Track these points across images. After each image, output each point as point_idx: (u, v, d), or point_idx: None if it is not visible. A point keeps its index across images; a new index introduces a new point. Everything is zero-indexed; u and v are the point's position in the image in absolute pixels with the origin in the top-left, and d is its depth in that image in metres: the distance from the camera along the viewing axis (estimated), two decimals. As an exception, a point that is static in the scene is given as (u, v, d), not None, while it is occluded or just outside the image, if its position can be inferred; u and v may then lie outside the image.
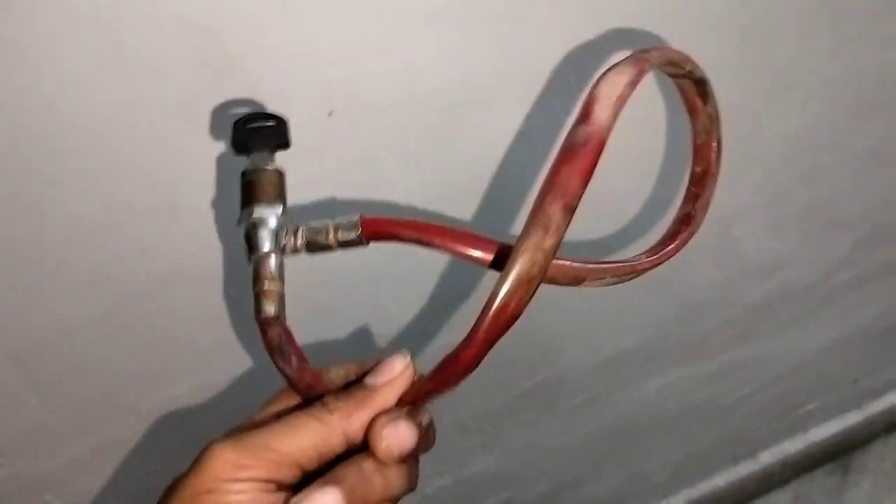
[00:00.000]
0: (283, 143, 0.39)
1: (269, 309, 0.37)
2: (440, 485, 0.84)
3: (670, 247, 0.42)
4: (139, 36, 0.39)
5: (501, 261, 0.37)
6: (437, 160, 0.52)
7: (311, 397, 0.37)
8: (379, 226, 0.38)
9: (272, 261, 0.38)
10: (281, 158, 0.40)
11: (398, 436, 0.33)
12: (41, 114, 0.40)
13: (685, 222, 0.44)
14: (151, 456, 0.58)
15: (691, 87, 0.42)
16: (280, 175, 0.39)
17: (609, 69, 0.34)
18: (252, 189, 0.38)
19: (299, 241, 0.38)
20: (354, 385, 0.35)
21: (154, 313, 0.51)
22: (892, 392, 1.19)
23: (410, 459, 0.35)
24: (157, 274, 0.49)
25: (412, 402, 0.36)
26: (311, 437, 0.33)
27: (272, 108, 0.44)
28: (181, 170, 0.45)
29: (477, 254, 0.37)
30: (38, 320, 0.49)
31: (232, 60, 0.42)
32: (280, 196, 0.39)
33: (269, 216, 0.38)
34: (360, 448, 0.34)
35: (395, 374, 0.35)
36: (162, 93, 0.42)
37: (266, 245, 0.38)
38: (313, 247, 0.38)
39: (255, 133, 0.38)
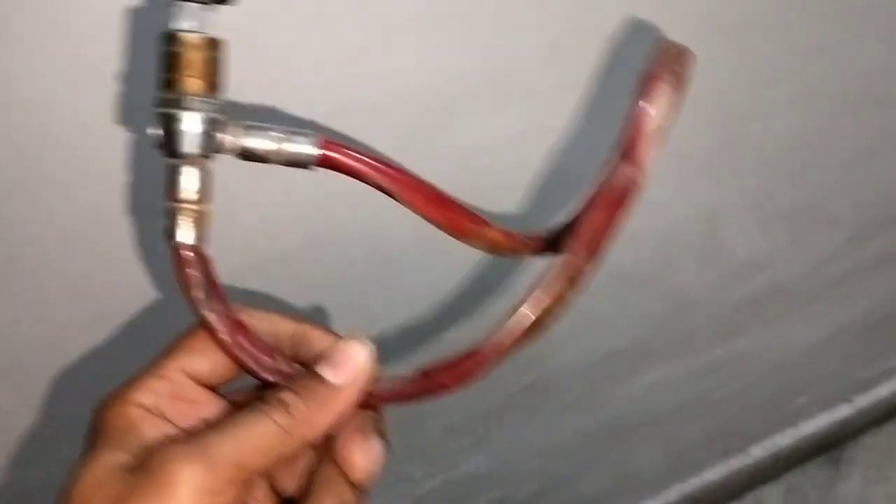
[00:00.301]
0: None
1: (187, 234, 0.31)
2: (431, 486, 0.84)
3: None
4: (125, 44, 0.39)
5: (472, 231, 0.36)
6: (428, 162, 0.52)
7: (233, 356, 0.32)
8: (343, 161, 0.32)
9: (196, 168, 0.30)
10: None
11: (375, 457, 0.31)
12: (14, 125, 0.40)
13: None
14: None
15: None
16: (217, 47, 0.30)
17: (649, 90, 0.32)
18: (175, 66, 0.29)
19: (232, 142, 0.30)
20: (311, 377, 0.30)
21: (142, 319, 0.51)
22: (882, 385, 1.20)
23: None
24: (142, 278, 0.49)
25: (374, 403, 0.32)
26: (275, 448, 0.29)
27: (262, 115, 0.43)
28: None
29: (446, 221, 0.35)
30: (24, 331, 0.49)
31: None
32: (213, 80, 0.30)
33: (198, 106, 0.29)
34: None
35: (359, 371, 0.30)
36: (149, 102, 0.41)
37: (190, 145, 0.29)
38: (248, 154, 0.30)
39: None
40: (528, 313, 0.31)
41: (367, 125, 0.48)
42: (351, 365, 0.30)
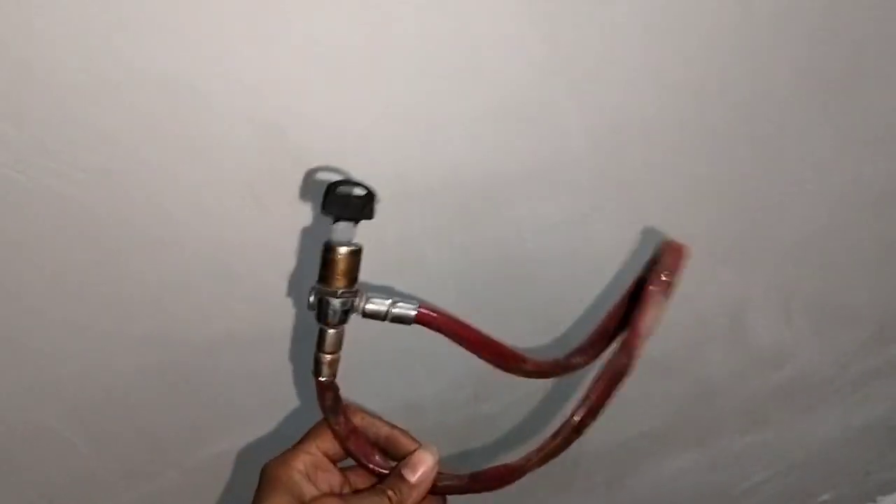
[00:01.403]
0: (368, 216, 0.43)
1: (326, 373, 0.45)
2: (457, 557, 0.85)
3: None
4: (217, 128, 0.44)
5: (514, 366, 0.49)
6: (466, 243, 0.56)
7: (348, 450, 0.47)
8: (430, 319, 0.45)
9: (336, 332, 0.44)
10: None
11: None
12: (119, 190, 0.45)
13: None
14: (191, 509, 0.61)
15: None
16: (357, 254, 0.43)
17: (649, 296, 0.43)
18: (330, 268, 0.43)
19: (359, 306, 0.44)
20: (399, 478, 0.47)
21: (204, 373, 0.55)
22: (908, 488, 1.19)
23: None
24: (210, 337, 0.54)
25: (440, 492, 0.48)
26: None
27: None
28: (241, 243, 0.50)
29: (497, 361, 0.48)
30: (97, 373, 0.53)
31: (295, 151, 0.47)
32: (354, 276, 0.43)
33: (341, 296, 0.43)
34: None
35: (428, 472, 0.47)
36: (230, 177, 0.47)
37: (333, 319, 0.43)
38: (368, 314, 0.44)
39: (344, 201, 0.41)
40: (539, 453, 0.46)
41: (423, 208, 0.53)
42: (423, 469, 0.47)
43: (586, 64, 0.50)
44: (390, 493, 0.46)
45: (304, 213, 0.49)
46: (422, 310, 0.44)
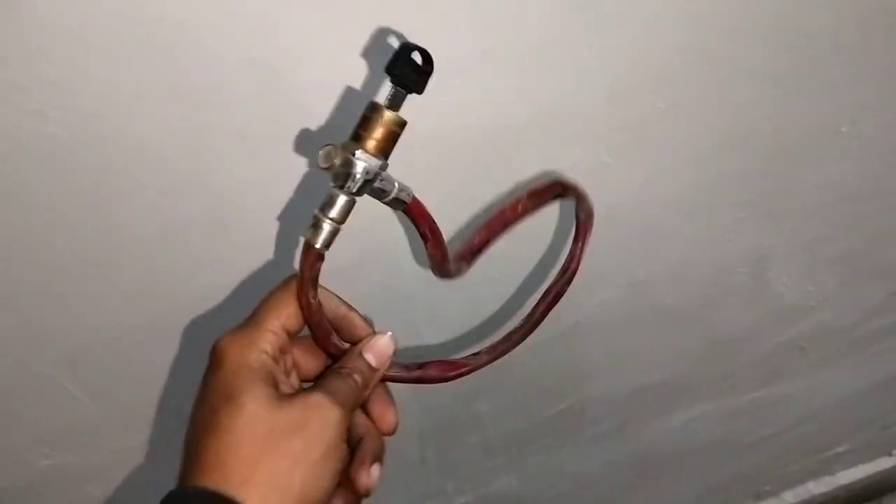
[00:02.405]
0: (419, 89, 0.39)
1: (322, 241, 0.40)
2: (461, 502, 0.86)
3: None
4: (207, 70, 0.42)
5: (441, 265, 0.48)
6: (474, 192, 0.54)
7: (313, 327, 0.43)
8: (417, 211, 0.44)
9: (347, 200, 0.39)
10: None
11: (395, 418, 0.46)
12: (108, 135, 0.43)
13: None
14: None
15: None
16: (401, 127, 0.39)
17: (584, 222, 0.51)
18: (367, 128, 0.38)
19: (376, 186, 0.40)
20: (362, 361, 0.43)
21: (199, 323, 0.54)
22: (925, 440, 1.18)
23: None
24: (204, 286, 0.52)
25: (386, 380, 0.46)
26: (358, 396, 0.42)
27: (326, 138, 0.46)
28: (234, 190, 0.48)
29: (434, 255, 0.47)
30: (95, 323, 0.52)
31: (289, 94, 0.44)
32: (388, 150, 0.39)
33: (368, 165, 0.38)
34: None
35: (388, 355, 0.44)
36: (223, 121, 0.44)
37: (351, 187, 0.39)
38: (374, 192, 0.41)
39: (407, 65, 0.38)
40: (488, 354, 0.49)
41: (428, 154, 0.50)
42: (383, 354, 0.44)
43: (606, 3, 0.46)
44: (357, 377, 0.43)
45: (299, 160, 0.47)
46: (415, 202, 0.44)
